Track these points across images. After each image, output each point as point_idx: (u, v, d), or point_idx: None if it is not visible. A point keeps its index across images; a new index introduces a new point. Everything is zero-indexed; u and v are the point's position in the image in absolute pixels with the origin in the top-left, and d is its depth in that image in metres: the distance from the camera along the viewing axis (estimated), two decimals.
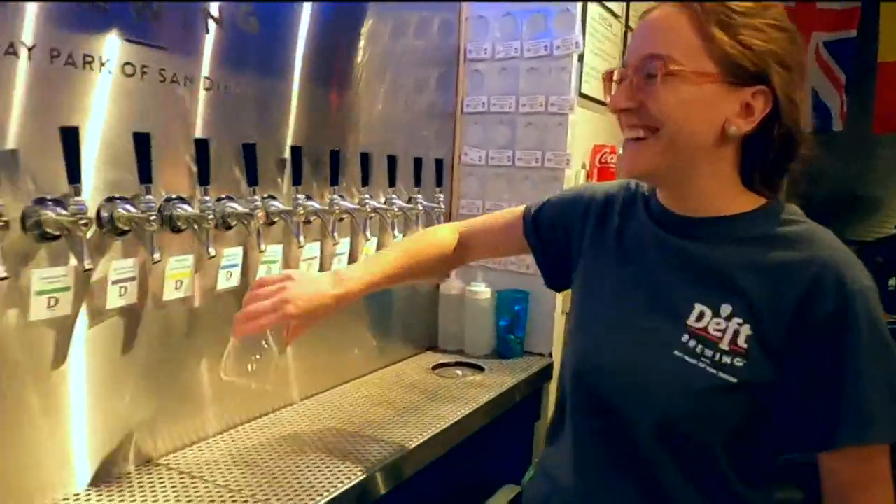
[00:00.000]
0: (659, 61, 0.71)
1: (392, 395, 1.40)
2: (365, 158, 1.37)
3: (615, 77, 0.78)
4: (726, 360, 0.72)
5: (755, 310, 0.72)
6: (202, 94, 1.06)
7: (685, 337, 0.74)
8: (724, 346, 0.72)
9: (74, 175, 0.84)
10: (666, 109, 0.71)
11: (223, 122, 1.09)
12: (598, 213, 0.90)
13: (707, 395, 0.72)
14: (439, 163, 1.62)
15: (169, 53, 1.00)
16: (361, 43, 1.39)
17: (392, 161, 1.46)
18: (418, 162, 1.54)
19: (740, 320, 0.72)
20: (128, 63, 0.94)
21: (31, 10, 0.82)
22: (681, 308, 0.76)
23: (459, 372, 1.60)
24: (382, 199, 1.45)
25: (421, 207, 1.52)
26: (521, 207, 1.04)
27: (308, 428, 1.21)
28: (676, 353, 0.74)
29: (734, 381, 0.71)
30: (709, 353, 0.73)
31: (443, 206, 1.59)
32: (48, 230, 0.85)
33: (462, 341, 1.73)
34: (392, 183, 1.46)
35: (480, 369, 1.60)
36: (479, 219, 1.12)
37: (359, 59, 1.39)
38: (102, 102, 0.92)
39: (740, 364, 0.71)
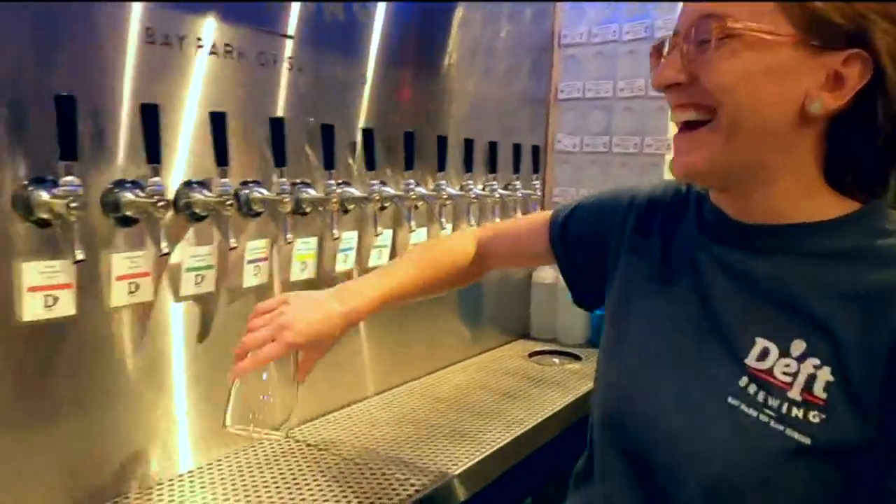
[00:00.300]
0: (714, 21, 0.55)
1: (494, 381, 1.41)
2: (468, 145, 1.38)
3: (664, 50, 0.62)
4: (797, 413, 0.55)
5: (839, 348, 0.55)
6: (316, 81, 1.08)
7: (743, 380, 0.58)
8: (795, 394, 0.56)
9: (222, 158, 0.89)
10: (723, 82, 0.56)
11: (334, 109, 1.12)
12: (638, 220, 0.75)
13: (770, 458, 0.55)
14: (535, 150, 1.61)
15: (298, 44, 1.04)
16: (454, 30, 1.40)
17: (493, 148, 1.46)
18: (517, 149, 1.54)
19: (817, 361, 0.55)
20: (262, 52, 0.98)
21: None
22: (738, 342, 0.60)
23: (556, 360, 1.59)
24: (480, 186, 1.46)
25: (519, 195, 1.52)
26: (549, 212, 0.89)
27: (417, 410, 1.23)
28: (731, 400, 0.58)
29: (807, 442, 0.54)
30: (773, 402, 0.56)
31: (538, 194, 1.59)
32: (196, 211, 0.90)
33: (554, 330, 1.72)
34: (493, 169, 1.47)
35: (577, 358, 1.59)
36: (502, 224, 0.98)
37: (452, 45, 1.40)
38: (237, 89, 0.96)
39: (817, 420, 0.54)
